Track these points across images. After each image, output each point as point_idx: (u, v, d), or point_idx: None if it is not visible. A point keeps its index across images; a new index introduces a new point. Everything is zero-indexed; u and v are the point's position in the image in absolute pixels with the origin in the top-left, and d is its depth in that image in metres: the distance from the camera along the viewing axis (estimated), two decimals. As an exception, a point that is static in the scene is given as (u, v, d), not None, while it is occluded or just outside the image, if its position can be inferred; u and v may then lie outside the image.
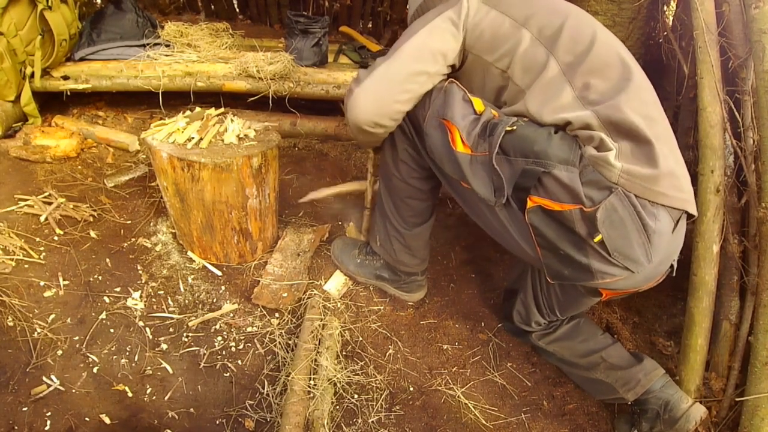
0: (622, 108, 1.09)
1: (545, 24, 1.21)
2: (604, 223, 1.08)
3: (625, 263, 1.12)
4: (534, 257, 1.24)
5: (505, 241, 1.31)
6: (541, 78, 1.18)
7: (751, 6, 1.39)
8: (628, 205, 1.07)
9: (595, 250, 1.11)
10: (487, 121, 1.21)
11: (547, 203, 1.12)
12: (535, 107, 1.17)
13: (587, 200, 1.08)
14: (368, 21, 3.32)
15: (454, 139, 1.25)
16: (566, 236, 1.14)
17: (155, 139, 1.59)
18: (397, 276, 1.72)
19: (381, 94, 1.33)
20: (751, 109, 1.44)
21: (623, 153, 1.08)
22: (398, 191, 1.53)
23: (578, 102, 1.14)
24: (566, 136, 1.13)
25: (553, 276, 1.24)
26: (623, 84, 1.14)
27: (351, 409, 1.46)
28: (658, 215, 1.09)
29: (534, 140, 1.13)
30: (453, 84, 1.31)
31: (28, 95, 2.07)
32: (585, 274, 1.17)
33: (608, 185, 1.07)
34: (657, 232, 1.10)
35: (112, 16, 2.30)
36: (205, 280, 1.73)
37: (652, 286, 1.25)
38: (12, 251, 1.62)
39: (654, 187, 1.08)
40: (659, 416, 1.37)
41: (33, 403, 1.32)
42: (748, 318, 1.48)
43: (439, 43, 1.28)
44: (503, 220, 1.24)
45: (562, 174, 1.09)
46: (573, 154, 1.10)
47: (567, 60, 1.17)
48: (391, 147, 1.48)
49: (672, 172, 1.11)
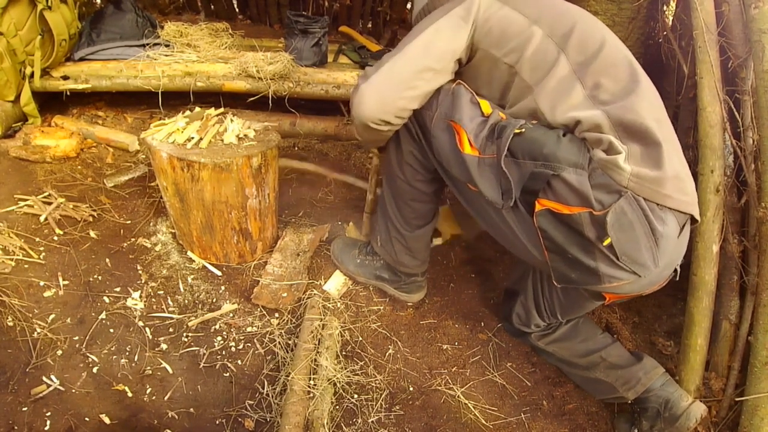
0: (633, 109, 1.09)
1: (556, 23, 1.22)
2: (614, 226, 1.07)
3: (633, 267, 1.12)
4: (541, 260, 1.24)
5: (512, 245, 1.30)
6: (551, 75, 1.17)
7: (750, 6, 1.39)
8: (637, 208, 1.07)
9: (604, 253, 1.11)
10: (495, 124, 1.21)
11: (555, 206, 1.12)
12: (547, 106, 1.16)
13: (597, 203, 1.07)
14: (368, 21, 3.32)
15: (462, 141, 1.24)
16: (575, 239, 1.13)
17: (155, 139, 1.60)
18: (397, 276, 1.72)
19: (387, 90, 1.32)
20: (750, 109, 1.44)
21: (633, 156, 1.08)
22: (402, 193, 1.53)
23: (589, 101, 1.13)
24: (575, 139, 1.13)
25: (560, 279, 1.23)
26: (633, 86, 1.14)
27: (351, 409, 1.46)
28: (666, 219, 1.09)
29: (543, 143, 1.12)
30: (461, 86, 1.30)
31: (27, 95, 2.07)
32: (592, 277, 1.16)
33: (618, 189, 1.06)
34: (664, 236, 1.09)
35: (111, 16, 2.30)
36: (205, 280, 1.73)
37: (656, 290, 1.24)
38: (12, 251, 1.62)
39: (661, 190, 1.08)
40: (660, 414, 1.37)
41: (33, 403, 1.32)
42: (747, 318, 1.48)
43: (446, 40, 1.28)
44: (510, 223, 1.23)
45: (571, 177, 1.09)
46: (582, 157, 1.09)
47: (578, 59, 1.17)
48: (396, 149, 1.48)
49: (677, 175, 1.10)
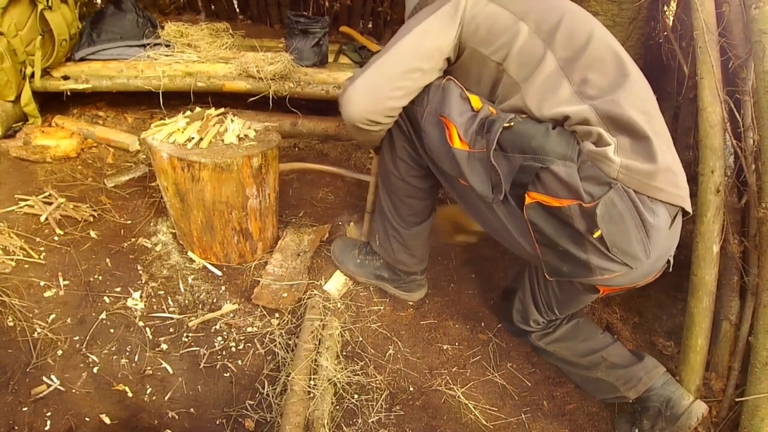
0: (620, 103, 1.09)
1: (543, 19, 1.21)
2: (604, 218, 1.07)
3: (624, 259, 1.12)
4: (532, 254, 1.24)
5: (503, 238, 1.31)
6: (538, 72, 1.17)
7: (751, 6, 1.39)
8: (627, 200, 1.07)
9: (594, 245, 1.11)
10: (484, 118, 1.22)
11: (545, 199, 1.12)
12: (534, 102, 1.17)
13: (586, 195, 1.08)
14: (368, 21, 3.32)
15: (452, 135, 1.25)
16: (565, 232, 1.14)
17: (155, 139, 1.60)
18: (397, 275, 1.72)
19: (373, 91, 1.32)
20: (751, 109, 1.44)
21: (622, 148, 1.08)
22: (397, 190, 1.53)
23: (576, 97, 1.13)
24: (564, 132, 1.13)
25: (552, 272, 1.24)
26: (621, 80, 1.14)
27: (351, 409, 1.46)
28: (656, 211, 1.10)
29: (532, 136, 1.12)
30: (450, 81, 1.31)
31: (28, 95, 2.07)
32: (584, 270, 1.17)
33: (607, 180, 1.07)
34: (655, 228, 1.10)
35: (112, 16, 2.31)
36: (206, 281, 1.73)
37: (650, 281, 1.25)
38: (12, 251, 1.62)
39: (652, 183, 1.08)
40: (661, 413, 1.37)
41: (33, 403, 1.32)
42: (748, 318, 1.48)
43: (434, 39, 1.28)
44: (501, 217, 1.24)
45: (560, 169, 1.09)
46: (571, 150, 1.10)
47: (564, 55, 1.17)
48: (389, 145, 1.48)
49: (669, 168, 1.11)
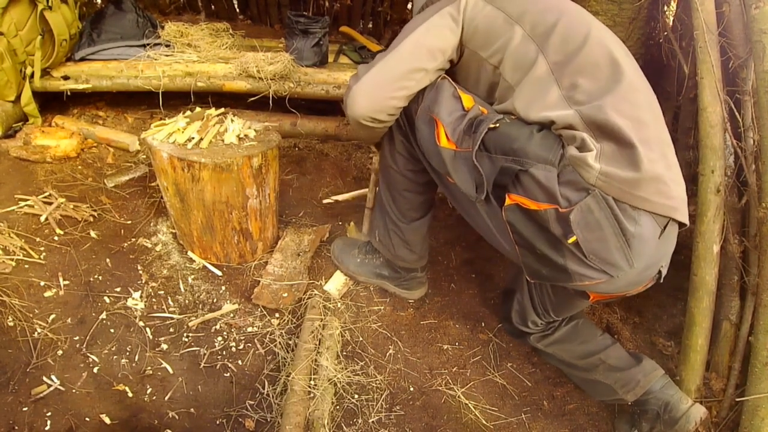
0: (605, 109, 1.07)
1: (539, 21, 1.20)
2: (579, 224, 1.06)
3: (603, 267, 1.10)
4: (514, 255, 1.25)
5: (488, 237, 1.32)
6: (529, 75, 1.17)
7: (751, 6, 1.39)
8: (605, 207, 1.05)
9: (571, 251, 1.10)
10: (473, 118, 1.22)
11: (524, 201, 1.12)
12: (522, 105, 1.16)
13: (563, 200, 1.06)
14: (368, 21, 3.32)
15: (439, 134, 1.26)
16: (542, 236, 1.13)
17: (155, 139, 1.60)
18: (397, 273, 1.72)
19: (377, 90, 1.33)
20: (751, 109, 1.44)
21: (604, 154, 1.06)
22: (396, 183, 1.54)
23: (564, 101, 1.12)
24: (549, 135, 1.12)
25: (532, 275, 1.24)
26: (611, 85, 1.11)
27: (351, 409, 1.46)
28: (638, 220, 1.06)
29: (514, 138, 1.12)
30: (445, 80, 1.32)
31: (28, 95, 2.07)
32: (562, 274, 1.16)
33: (585, 186, 1.05)
34: (637, 237, 1.07)
35: (112, 16, 2.31)
36: (206, 280, 1.73)
37: (641, 290, 1.23)
38: (12, 251, 1.62)
39: (635, 192, 1.05)
40: (659, 417, 1.37)
41: (33, 403, 1.32)
42: (748, 318, 1.48)
43: (436, 39, 1.28)
44: (485, 216, 1.25)
45: (539, 173, 1.08)
46: (553, 154, 1.08)
47: (556, 59, 1.16)
48: (389, 140, 1.50)
49: (658, 178, 1.07)
